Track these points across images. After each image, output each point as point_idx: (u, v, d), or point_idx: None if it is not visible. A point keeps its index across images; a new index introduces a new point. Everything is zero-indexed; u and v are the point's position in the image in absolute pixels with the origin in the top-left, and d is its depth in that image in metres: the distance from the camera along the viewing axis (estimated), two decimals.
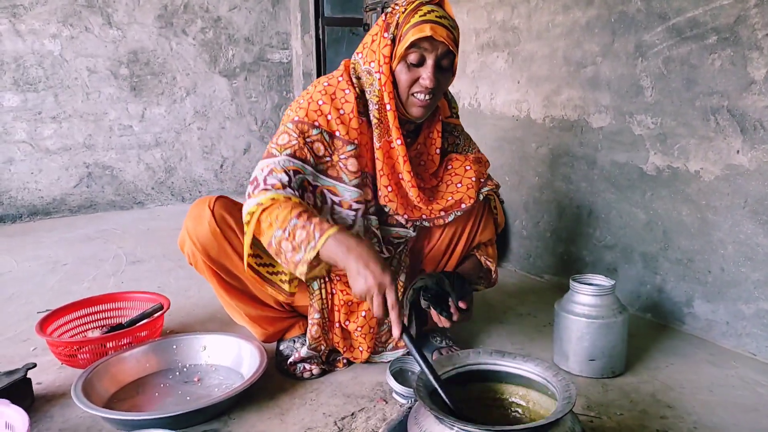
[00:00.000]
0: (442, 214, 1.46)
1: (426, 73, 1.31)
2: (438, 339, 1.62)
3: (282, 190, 1.23)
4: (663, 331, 1.84)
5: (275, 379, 1.51)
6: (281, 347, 1.60)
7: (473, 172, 1.47)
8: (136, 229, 3.24)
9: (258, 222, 1.22)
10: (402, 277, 1.53)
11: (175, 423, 1.26)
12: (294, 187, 1.26)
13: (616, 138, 1.98)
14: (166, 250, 2.75)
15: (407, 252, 1.55)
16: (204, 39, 3.85)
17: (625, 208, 1.98)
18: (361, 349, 1.53)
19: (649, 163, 1.88)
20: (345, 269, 1.16)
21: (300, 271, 1.18)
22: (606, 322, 1.48)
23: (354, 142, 1.37)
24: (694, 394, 1.46)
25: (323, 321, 1.49)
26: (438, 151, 1.50)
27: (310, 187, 1.33)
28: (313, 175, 1.33)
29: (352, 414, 1.35)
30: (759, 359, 1.64)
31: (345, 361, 1.57)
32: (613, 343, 1.50)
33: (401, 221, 1.46)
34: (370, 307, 1.16)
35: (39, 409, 1.38)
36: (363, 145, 1.39)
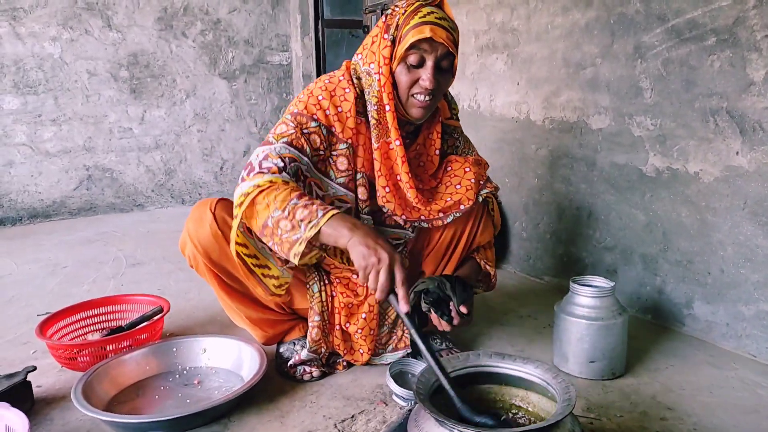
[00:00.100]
0: (441, 216, 1.46)
1: (426, 74, 1.32)
2: (438, 341, 1.62)
3: (278, 174, 1.23)
4: (663, 333, 1.84)
5: (275, 382, 1.51)
6: (281, 350, 1.60)
7: (472, 173, 1.48)
8: (136, 232, 3.24)
9: (252, 203, 1.20)
10: None
11: (175, 426, 1.27)
12: (289, 173, 1.26)
13: (616, 139, 1.98)
14: (166, 253, 2.75)
15: (406, 254, 1.55)
16: (204, 41, 3.86)
17: (625, 210, 1.98)
18: (361, 351, 1.53)
19: (648, 165, 1.88)
20: (348, 246, 1.14)
21: (295, 251, 1.15)
22: (606, 323, 1.48)
23: (347, 141, 1.38)
24: (694, 395, 1.46)
25: (323, 323, 1.49)
26: (437, 152, 1.50)
27: (302, 177, 1.33)
28: (307, 166, 1.33)
29: (352, 416, 1.35)
30: (759, 361, 1.64)
31: (345, 363, 1.57)
32: (613, 344, 1.50)
33: (399, 222, 1.46)
34: (373, 286, 1.12)
35: (39, 412, 1.38)
36: (361, 145, 1.40)
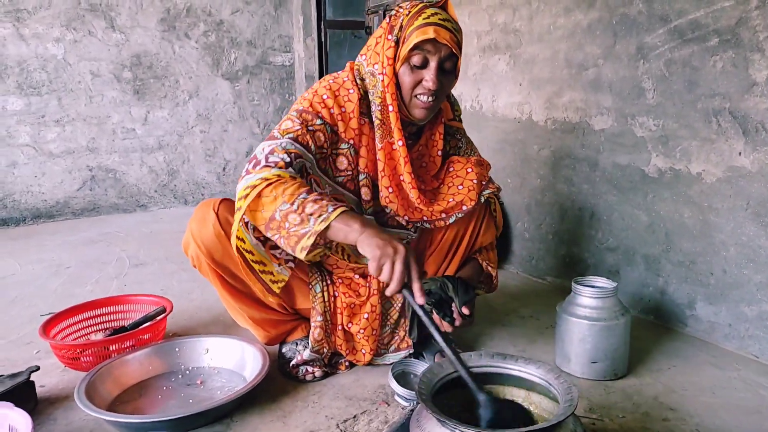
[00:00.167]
0: (443, 216, 1.46)
1: (429, 75, 1.32)
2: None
3: (285, 169, 1.22)
4: (665, 334, 1.84)
5: (278, 382, 1.51)
6: (284, 350, 1.60)
7: (475, 174, 1.48)
8: (139, 232, 3.25)
9: (258, 196, 1.18)
10: None
11: (177, 426, 1.27)
12: (295, 169, 1.25)
13: (618, 140, 1.98)
14: (168, 253, 2.76)
15: None
16: (207, 42, 3.86)
17: (627, 210, 1.98)
18: (363, 351, 1.53)
19: (651, 165, 1.88)
20: (360, 240, 1.12)
21: (303, 244, 1.14)
22: (608, 324, 1.48)
23: (349, 142, 1.38)
24: (696, 396, 1.46)
25: (326, 323, 1.50)
26: (439, 153, 1.50)
27: (306, 173, 1.33)
28: (311, 163, 1.32)
29: (355, 417, 1.35)
30: (761, 361, 1.64)
31: (347, 363, 1.57)
32: (615, 345, 1.50)
33: (402, 222, 1.46)
34: (386, 277, 1.08)
35: (42, 412, 1.38)
36: (364, 146, 1.40)
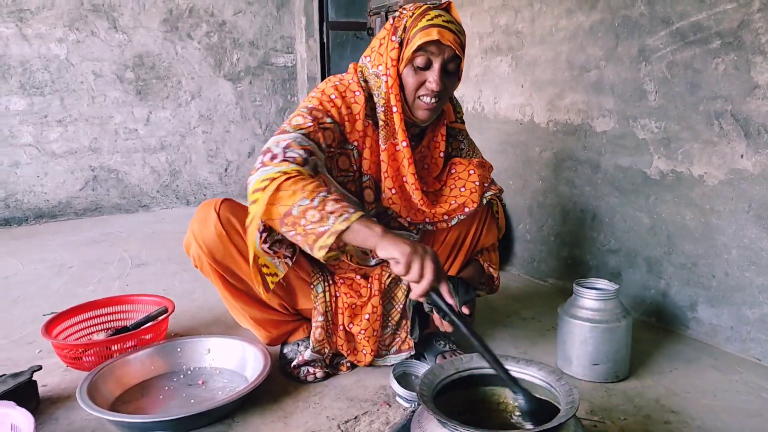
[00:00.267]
0: (446, 218, 1.47)
1: (432, 76, 1.33)
2: (441, 343, 1.62)
3: (302, 166, 1.20)
4: (667, 336, 1.83)
5: (279, 383, 1.51)
6: (285, 350, 1.61)
7: (477, 176, 1.48)
8: (141, 233, 3.25)
9: (278, 189, 1.14)
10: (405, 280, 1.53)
11: (179, 426, 1.27)
12: (310, 167, 1.23)
13: (620, 142, 1.98)
14: (170, 253, 2.76)
15: None
16: (209, 43, 3.87)
17: (629, 213, 1.98)
18: (364, 352, 1.53)
19: (652, 168, 1.88)
20: (381, 242, 1.11)
21: (322, 243, 1.11)
22: (610, 326, 1.48)
23: (353, 143, 1.39)
24: (698, 399, 1.46)
25: (327, 324, 1.50)
26: (442, 154, 1.50)
27: (316, 171, 1.31)
28: (321, 161, 1.30)
29: (356, 417, 1.35)
30: (763, 364, 1.64)
31: (349, 364, 1.57)
32: (616, 347, 1.50)
33: (404, 224, 1.46)
34: (415, 276, 1.09)
35: (44, 412, 1.39)
36: (368, 147, 1.40)
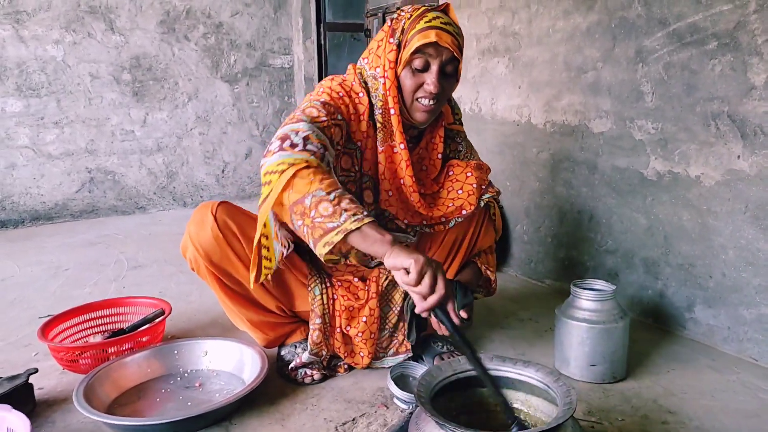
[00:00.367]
0: (443, 220, 1.46)
1: (430, 78, 1.32)
2: (439, 345, 1.62)
3: (321, 161, 1.17)
4: (664, 337, 1.84)
5: (276, 385, 1.51)
6: (282, 352, 1.60)
7: (474, 178, 1.48)
8: (138, 234, 3.25)
9: (295, 175, 1.11)
10: None
11: (176, 428, 1.27)
12: (326, 164, 1.20)
13: (617, 143, 1.98)
14: (167, 255, 2.75)
15: None
16: (206, 44, 3.87)
17: (626, 213, 1.98)
18: (362, 354, 1.53)
19: (649, 168, 1.89)
20: (391, 250, 1.08)
21: (328, 240, 1.08)
22: (607, 327, 1.48)
23: (357, 143, 1.38)
24: (695, 399, 1.46)
25: (324, 326, 1.49)
26: (439, 156, 1.50)
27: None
28: (331, 157, 1.27)
29: (353, 419, 1.35)
30: (760, 365, 1.64)
31: (346, 366, 1.57)
32: (614, 348, 1.50)
33: (401, 226, 1.46)
34: (426, 289, 1.06)
35: (40, 415, 1.38)
36: (369, 149, 1.40)
